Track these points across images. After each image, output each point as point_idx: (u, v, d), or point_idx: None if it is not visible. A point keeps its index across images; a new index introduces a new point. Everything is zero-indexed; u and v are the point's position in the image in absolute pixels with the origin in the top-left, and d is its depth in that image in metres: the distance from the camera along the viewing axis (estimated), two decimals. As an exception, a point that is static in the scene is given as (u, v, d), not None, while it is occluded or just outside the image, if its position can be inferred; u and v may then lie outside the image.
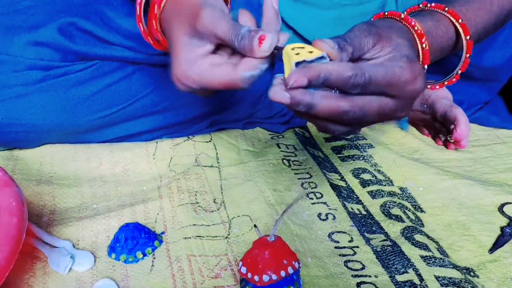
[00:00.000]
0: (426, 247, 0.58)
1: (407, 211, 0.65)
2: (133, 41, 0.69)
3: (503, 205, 0.66)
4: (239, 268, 0.50)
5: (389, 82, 0.44)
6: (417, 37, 0.51)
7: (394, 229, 0.61)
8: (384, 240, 0.60)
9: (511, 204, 0.66)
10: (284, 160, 0.75)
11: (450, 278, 0.53)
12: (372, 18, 0.56)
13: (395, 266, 0.55)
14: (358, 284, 0.53)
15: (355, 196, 0.68)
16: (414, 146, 0.81)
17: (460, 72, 0.57)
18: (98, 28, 0.67)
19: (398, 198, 0.68)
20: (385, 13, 0.54)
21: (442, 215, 0.65)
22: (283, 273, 0.48)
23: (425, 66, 0.52)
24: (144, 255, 0.56)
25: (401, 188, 0.70)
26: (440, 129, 0.80)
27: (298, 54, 0.44)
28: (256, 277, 0.48)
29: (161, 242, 0.58)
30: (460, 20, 0.54)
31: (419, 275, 0.54)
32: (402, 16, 0.52)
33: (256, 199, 0.66)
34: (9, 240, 0.47)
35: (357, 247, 0.59)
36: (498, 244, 0.59)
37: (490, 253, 0.58)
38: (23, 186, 0.65)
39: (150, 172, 0.72)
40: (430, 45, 0.52)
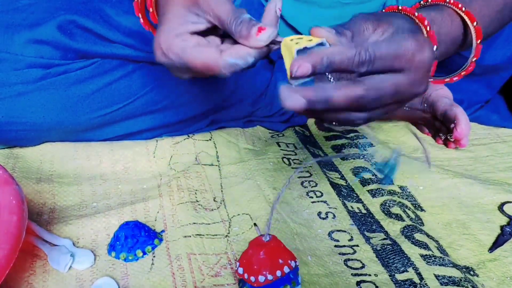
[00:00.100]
0: (426, 246, 0.58)
1: (407, 210, 0.65)
2: (133, 38, 0.69)
3: (503, 204, 0.66)
4: (237, 269, 0.50)
5: (396, 54, 0.42)
6: (419, 22, 0.49)
7: (394, 228, 0.61)
8: (384, 239, 0.60)
9: (511, 203, 0.66)
10: (284, 159, 0.75)
11: (450, 277, 0.54)
12: None
13: (395, 265, 0.55)
14: (358, 283, 0.53)
15: (355, 195, 0.68)
16: (414, 145, 0.81)
17: (474, 59, 0.54)
18: (98, 25, 0.67)
19: (398, 197, 0.68)
20: (383, 10, 0.54)
21: (442, 214, 0.65)
22: (278, 273, 0.48)
23: (434, 47, 0.49)
24: (144, 253, 0.56)
25: (401, 187, 0.70)
26: (440, 128, 0.80)
27: (297, 43, 0.43)
28: (252, 278, 0.48)
29: (161, 240, 0.58)
30: (463, 8, 0.53)
31: (419, 274, 0.54)
32: (400, 8, 0.52)
33: (256, 197, 0.66)
34: (9, 238, 0.47)
35: (357, 245, 0.59)
36: (498, 243, 0.59)
37: (490, 252, 0.58)
38: (23, 184, 0.65)
39: (150, 171, 0.72)
40: (436, 32, 0.50)
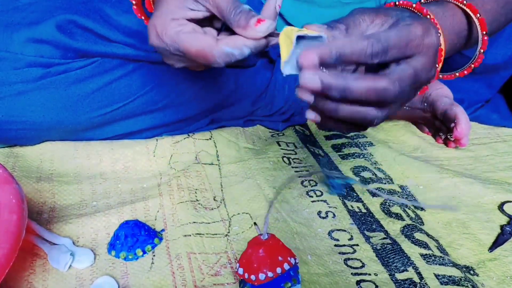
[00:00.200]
0: (426, 246, 0.58)
1: (407, 209, 0.65)
2: (133, 38, 0.69)
3: (503, 204, 0.66)
4: (237, 269, 0.50)
5: (407, 40, 0.42)
6: (418, 12, 0.48)
7: (394, 227, 0.61)
8: (384, 238, 0.60)
9: (511, 202, 0.66)
10: (284, 158, 0.75)
11: (450, 276, 0.53)
12: None
13: (394, 264, 0.55)
14: (358, 282, 0.53)
15: (355, 194, 0.68)
16: (415, 144, 0.81)
17: (482, 51, 0.53)
18: (98, 25, 0.67)
19: (398, 196, 0.68)
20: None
21: (442, 213, 0.65)
22: (279, 270, 0.48)
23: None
24: (144, 252, 0.56)
25: (401, 186, 0.70)
26: (441, 127, 0.80)
27: (298, 32, 0.43)
28: (253, 277, 0.48)
29: (161, 239, 0.58)
30: (464, 1, 0.53)
31: (419, 273, 0.54)
32: (397, 3, 0.51)
33: (256, 196, 0.66)
34: (9, 237, 0.47)
35: (357, 245, 0.59)
36: (498, 243, 0.59)
37: (490, 252, 0.58)
38: (23, 183, 0.65)
39: (150, 170, 0.72)
40: (439, 24, 0.48)
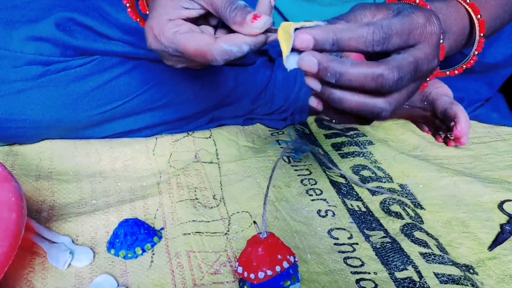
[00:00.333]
0: (425, 244, 0.58)
1: (406, 208, 0.65)
2: (132, 36, 0.68)
3: (503, 203, 0.66)
4: (236, 268, 0.50)
5: (409, 29, 0.41)
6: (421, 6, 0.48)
7: (393, 226, 0.61)
8: (384, 237, 0.60)
9: (511, 201, 0.66)
10: (284, 157, 0.75)
11: (450, 275, 0.53)
12: None
13: (394, 263, 0.55)
14: (358, 281, 0.53)
15: (354, 193, 0.68)
16: (414, 143, 0.81)
17: (476, 52, 0.53)
18: (98, 23, 0.67)
19: (398, 195, 0.68)
20: None
21: (441, 212, 0.65)
22: (278, 268, 0.48)
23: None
24: (143, 251, 0.56)
25: (400, 185, 0.70)
26: (440, 126, 0.80)
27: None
28: (252, 275, 0.48)
29: (160, 238, 0.58)
30: (468, 0, 0.52)
31: (419, 272, 0.54)
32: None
33: (256, 195, 0.66)
34: (8, 236, 0.47)
35: (357, 243, 0.59)
36: (497, 242, 0.59)
37: (490, 251, 0.58)
38: (22, 182, 0.65)
39: (150, 168, 0.72)
40: (442, 20, 0.47)
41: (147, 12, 0.52)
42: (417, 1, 0.49)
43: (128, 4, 0.54)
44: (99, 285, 0.51)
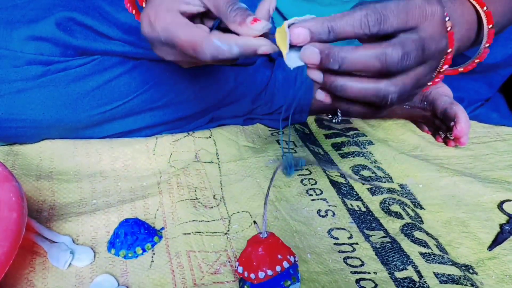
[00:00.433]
0: (425, 244, 0.58)
1: (406, 208, 0.65)
2: (133, 35, 0.68)
3: (502, 203, 0.66)
4: (236, 268, 0.50)
5: (406, 9, 0.40)
6: None
7: (393, 226, 0.61)
8: (384, 236, 0.60)
9: (510, 201, 0.66)
10: (284, 157, 0.75)
11: (449, 275, 0.54)
12: None
13: (394, 263, 0.55)
14: (357, 281, 0.53)
15: (354, 193, 0.68)
16: (414, 143, 0.81)
17: (487, 45, 0.51)
18: (98, 23, 0.67)
19: (398, 195, 0.68)
20: None
21: (441, 212, 0.65)
22: (278, 268, 0.48)
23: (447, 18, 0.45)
24: (144, 250, 0.56)
25: (400, 185, 0.70)
26: (440, 126, 0.80)
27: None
28: (252, 275, 0.48)
29: (160, 237, 0.58)
30: None
31: (418, 272, 0.54)
32: None
33: (256, 195, 0.66)
34: (9, 235, 0.47)
35: (357, 243, 0.59)
36: (497, 241, 0.59)
37: (489, 250, 0.59)
38: (23, 181, 0.65)
39: (150, 168, 0.72)
40: (448, 14, 0.46)
41: (143, 5, 0.52)
42: None
43: None
44: (100, 285, 0.51)
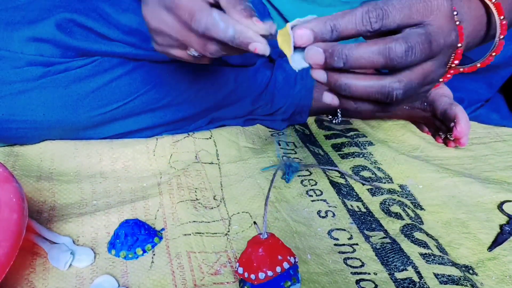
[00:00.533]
0: (425, 245, 0.58)
1: (406, 208, 0.65)
2: (133, 36, 0.69)
3: (502, 203, 0.66)
4: (236, 269, 0.50)
5: (409, 3, 0.39)
6: None
7: (393, 226, 0.62)
8: (384, 237, 0.60)
9: (510, 202, 0.66)
10: (284, 157, 0.75)
11: (449, 275, 0.54)
12: None
13: (394, 264, 0.55)
14: (357, 281, 0.53)
15: (354, 194, 0.68)
16: (414, 143, 0.81)
17: (501, 37, 0.51)
18: (98, 24, 0.67)
19: (398, 195, 0.68)
20: None
21: (441, 212, 0.65)
22: (278, 269, 0.48)
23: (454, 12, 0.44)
24: (144, 251, 0.56)
25: (400, 186, 0.70)
26: (440, 126, 0.80)
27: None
28: (253, 276, 0.48)
29: (161, 238, 0.58)
30: None
31: (418, 273, 0.54)
32: None
33: (256, 196, 0.66)
34: (9, 236, 0.47)
35: (357, 244, 0.59)
36: (497, 242, 0.59)
37: (489, 251, 0.59)
38: (23, 182, 0.65)
39: (150, 169, 0.72)
40: (456, 10, 0.45)
41: None
42: None
43: None
44: (100, 286, 0.51)
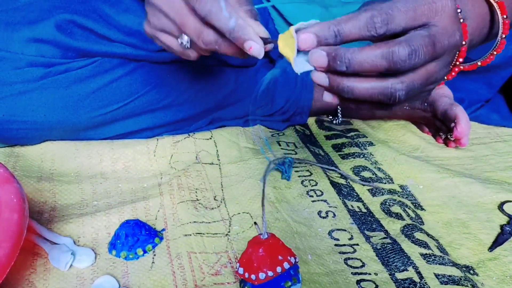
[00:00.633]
0: (426, 245, 0.58)
1: (407, 209, 0.65)
2: (133, 37, 0.69)
3: (503, 203, 0.66)
4: (237, 269, 0.50)
5: (414, 6, 0.39)
6: None
7: (394, 227, 0.62)
8: (384, 238, 0.60)
9: (511, 202, 0.66)
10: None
11: (450, 276, 0.54)
12: None
13: (395, 264, 0.55)
14: (358, 282, 0.53)
15: (355, 194, 0.68)
16: (415, 144, 0.81)
17: (504, 36, 0.48)
18: (98, 25, 0.67)
19: (398, 196, 0.68)
20: None
21: (442, 213, 0.65)
22: (279, 269, 0.48)
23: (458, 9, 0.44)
24: (145, 252, 0.56)
25: (401, 186, 0.70)
26: (441, 127, 0.80)
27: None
28: (253, 276, 0.48)
29: (161, 239, 0.58)
30: None
31: (419, 273, 0.54)
32: None
33: (257, 196, 0.66)
34: (10, 237, 0.47)
35: (357, 244, 0.59)
36: (497, 242, 0.59)
37: (490, 251, 0.59)
38: (24, 183, 0.65)
39: (151, 169, 0.72)
40: (460, 8, 0.44)
41: None
42: None
43: None
44: (101, 286, 0.51)
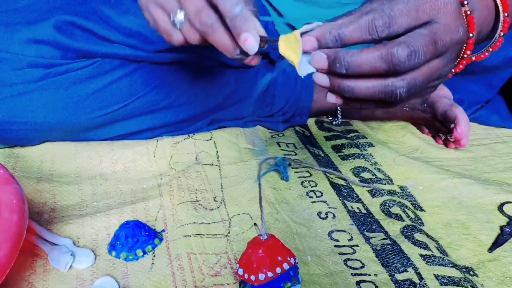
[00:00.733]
0: (425, 246, 0.58)
1: (407, 210, 0.65)
2: (133, 38, 0.69)
3: (502, 204, 0.66)
4: (236, 270, 0.50)
5: (415, 5, 0.39)
6: None
7: (393, 228, 0.62)
8: (384, 239, 0.60)
9: (510, 203, 0.66)
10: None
11: (450, 277, 0.54)
12: None
13: (394, 265, 0.55)
14: (358, 283, 0.53)
15: (355, 195, 0.68)
16: (414, 145, 0.81)
17: (502, 34, 0.48)
18: (98, 26, 0.67)
19: (398, 197, 0.68)
20: None
21: (441, 214, 0.65)
22: (278, 270, 0.48)
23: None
24: (144, 253, 0.56)
25: (401, 187, 0.70)
26: (440, 128, 0.80)
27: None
28: (253, 277, 0.48)
29: (161, 240, 0.58)
30: None
31: (419, 274, 0.54)
32: None
33: (256, 197, 0.66)
34: (10, 238, 0.47)
35: (357, 245, 0.59)
36: (497, 243, 0.59)
37: (490, 252, 0.59)
38: (24, 184, 0.65)
39: (151, 170, 0.72)
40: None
41: None
42: None
43: None
44: (100, 287, 0.51)
